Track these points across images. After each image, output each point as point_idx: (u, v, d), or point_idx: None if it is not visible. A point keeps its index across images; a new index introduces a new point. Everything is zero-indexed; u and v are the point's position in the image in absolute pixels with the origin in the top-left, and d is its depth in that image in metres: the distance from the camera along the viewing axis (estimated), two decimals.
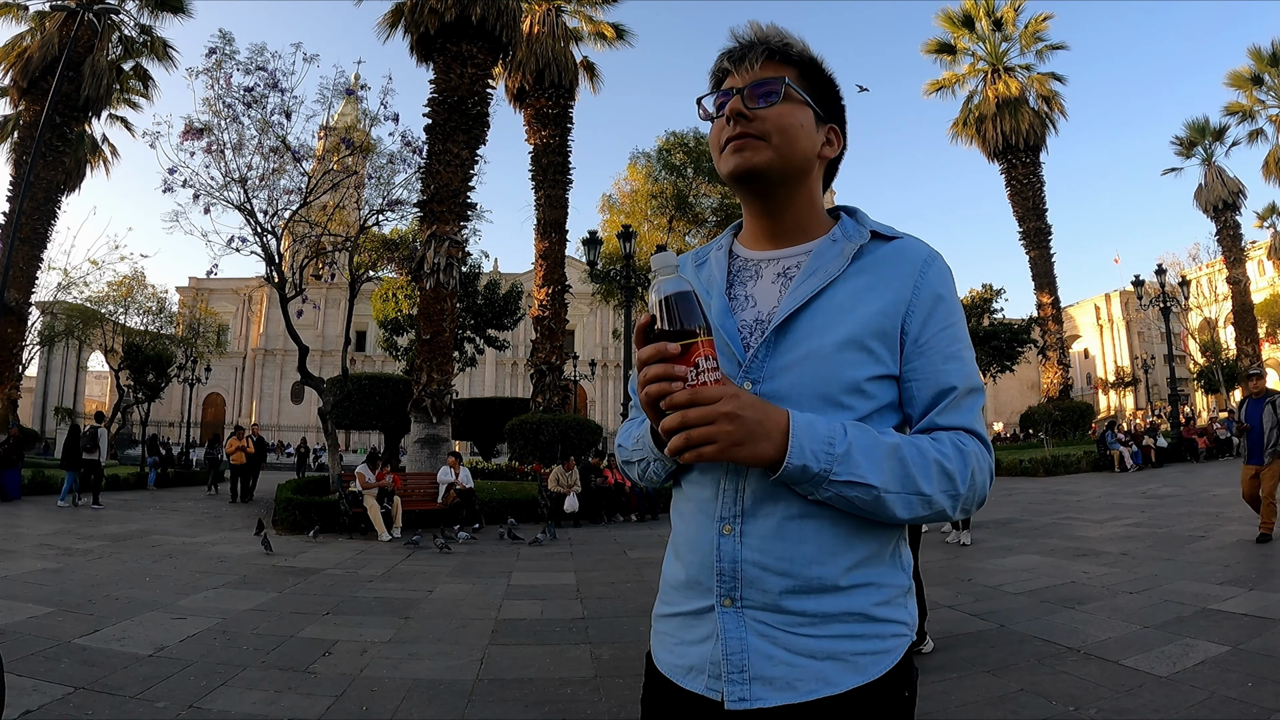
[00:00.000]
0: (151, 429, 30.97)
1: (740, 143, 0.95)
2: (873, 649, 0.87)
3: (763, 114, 0.94)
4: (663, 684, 0.96)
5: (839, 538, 0.87)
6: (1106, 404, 54.82)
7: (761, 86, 0.95)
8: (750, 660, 0.86)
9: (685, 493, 0.97)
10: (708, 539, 0.91)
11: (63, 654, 3.97)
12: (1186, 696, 3.09)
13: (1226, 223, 28.95)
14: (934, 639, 4.16)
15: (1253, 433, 6.96)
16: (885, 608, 0.89)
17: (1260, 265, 43.59)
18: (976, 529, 8.56)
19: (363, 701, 3.37)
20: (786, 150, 0.95)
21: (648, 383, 0.80)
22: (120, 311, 27.11)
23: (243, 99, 11.13)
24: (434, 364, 13.68)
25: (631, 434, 1.04)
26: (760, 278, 0.99)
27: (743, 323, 0.96)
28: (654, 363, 0.80)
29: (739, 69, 0.97)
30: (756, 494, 0.88)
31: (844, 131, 1.03)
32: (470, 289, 23.20)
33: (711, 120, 1.00)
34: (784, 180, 0.97)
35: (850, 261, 0.93)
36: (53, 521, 10.59)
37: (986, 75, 26.83)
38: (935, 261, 0.95)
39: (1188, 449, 18.58)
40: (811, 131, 0.98)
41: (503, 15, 14.13)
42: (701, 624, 0.91)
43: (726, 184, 1.03)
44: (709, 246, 1.08)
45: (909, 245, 0.97)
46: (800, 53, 0.98)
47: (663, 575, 1.02)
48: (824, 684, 0.84)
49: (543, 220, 19.51)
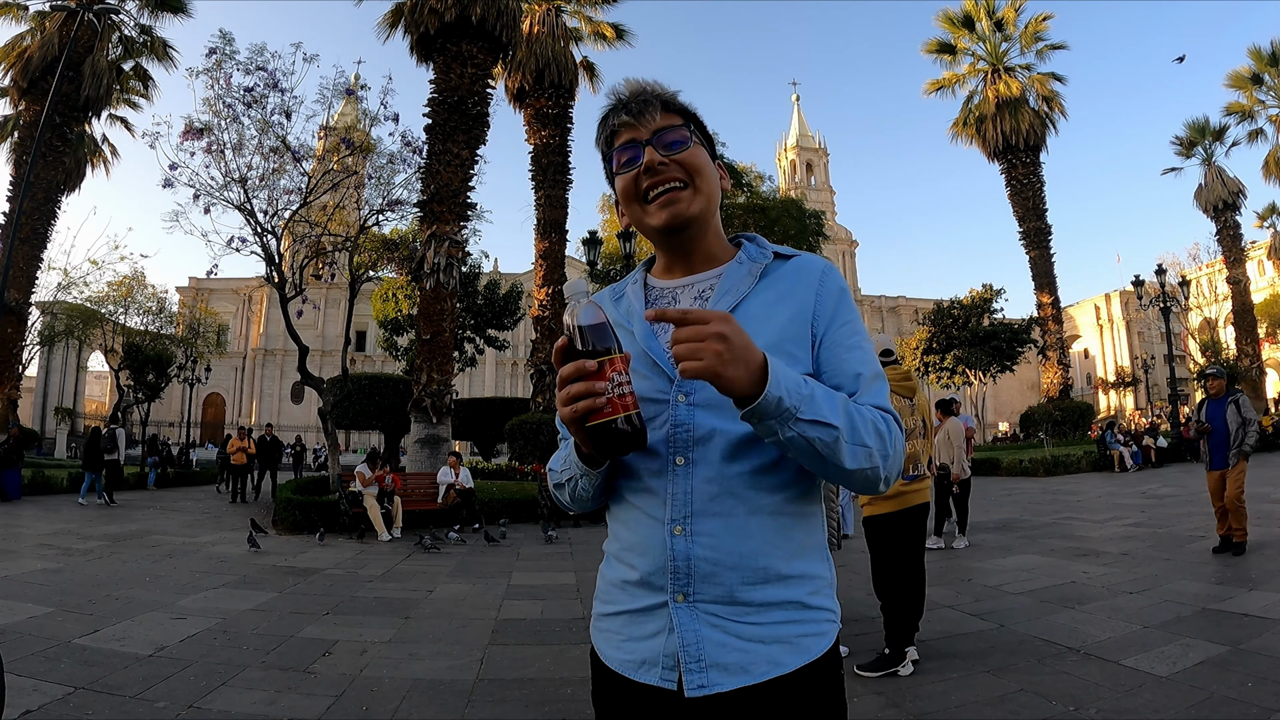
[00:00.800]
0: (151, 429, 30.97)
1: (668, 195, 1.03)
2: (811, 632, 0.96)
3: (679, 159, 1.03)
4: (613, 679, 1.01)
5: (779, 530, 0.96)
6: (1106, 404, 54.82)
7: (668, 134, 1.03)
8: (705, 650, 0.92)
9: (629, 501, 1.02)
10: (658, 540, 0.96)
11: (63, 654, 3.97)
12: (1186, 696, 3.09)
13: (1226, 223, 28.96)
14: (933, 639, 4.15)
15: (1215, 435, 6.55)
16: (817, 596, 0.98)
17: (1260, 265, 43.62)
18: (976, 530, 8.57)
19: (363, 701, 3.37)
20: (706, 191, 1.05)
21: (571, 399, 0.87)
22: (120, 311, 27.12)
23: (243, 99, 11.14)
24: (434, 364, 13.69)
25: (560, 456, 1.08)
26: (678, 302, 1.08)
27: (667, 344, 1.00)
28: (575, 380, 0.87)
29: (640, 121, 1.03)
30: (704, 496, 0.95)
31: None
32: (470, 289, 23.17)
33: (616, 175, 1.07)
34: (704, 219, 1.06)
35: (758, 279, 1.04)
36: (53, 521, 10.60)
37: (986, 75, 26.84)
38: (830, 271, 1.06)
39: (1188, 449, 18.57)
40: (715, 171, 1.08)
41: (503, 15, 14.13)
42: (651, 620, 0.97)
43: (650, 238, 1.10)
44: (624, 282, 1.16)
45: (807, 260, 1.07)
46: (683, 101, 1.08)
47: (602, 577, 1.08)
48: (775, 665, 0.93)
49: (543, 220, 19.50)
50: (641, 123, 1.03)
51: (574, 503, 1.07)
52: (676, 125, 1.04)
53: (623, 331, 1.03)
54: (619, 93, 1.07)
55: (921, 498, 4.00)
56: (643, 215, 1.06)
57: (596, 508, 1.08)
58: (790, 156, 62.38)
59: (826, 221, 29.43)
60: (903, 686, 3.44)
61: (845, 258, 60.55)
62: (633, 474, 1.00)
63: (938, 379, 30.28)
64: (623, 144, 1.05)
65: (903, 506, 3.91)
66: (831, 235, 41.14)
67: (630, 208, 1.07)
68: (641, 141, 1.03)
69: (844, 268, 60.08)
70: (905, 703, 3.23)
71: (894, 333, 53.61)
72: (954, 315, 29.13)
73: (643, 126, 1.03)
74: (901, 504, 3.91)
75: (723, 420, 0.95)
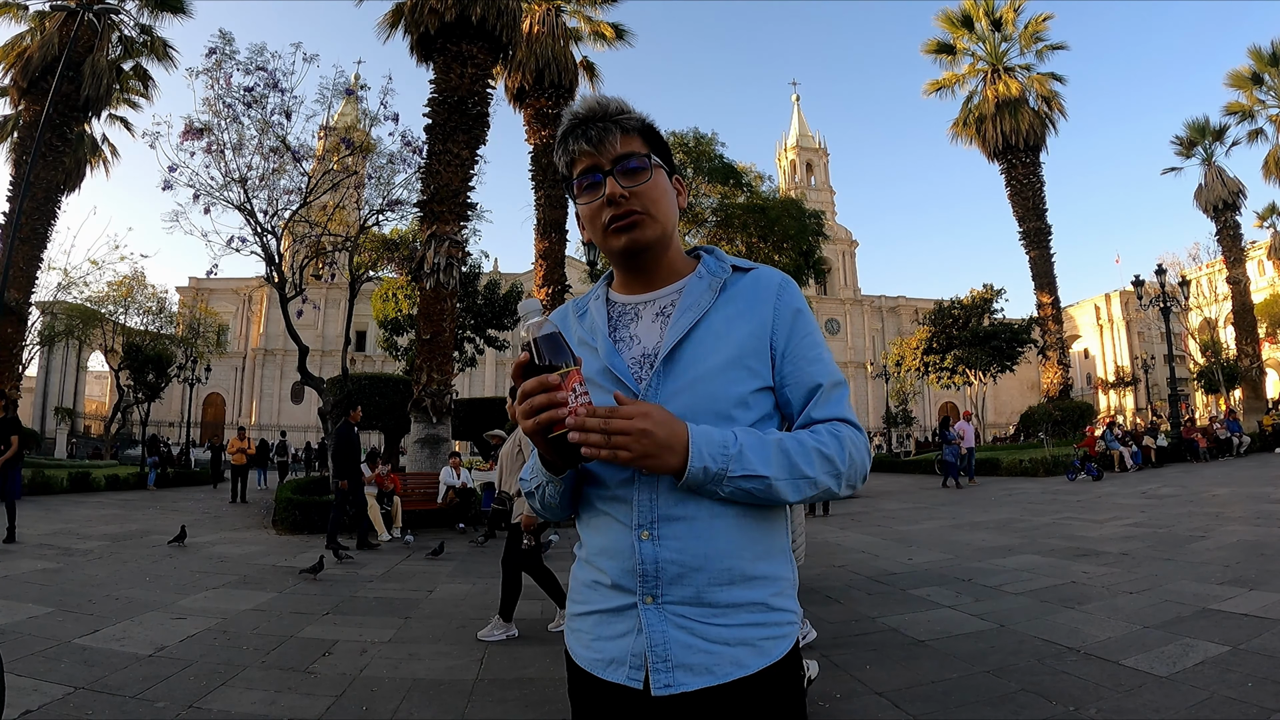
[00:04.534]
0: (151, 429, 30.94)
1: (625, 222, 1.06)
2: (773, 634, 0.99)
3: (638, 191, 1.06)
4: (583, 677, 1.04)
5: (743, 531, 0.99)
6: (1106, 404, 54.79)
7: (627, 163, 1.06)
8: (672, 650, 0.96)
9: (597, 508, 1.05)
10: (626, 545, 1.00)
11: (63, 654, 3.97)
12: (1186, 696, 3.09)
13: (1226, 223, 28.91)
14: (933, 639, 4.16)
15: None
16: (780, 598, 1.02)
17: (1260, 265, 43.57)
18: (978, 528, 8.57)
19: (363, 701, 3.37)
20: (664, 218, 1.08)
21: (536, 410, 0.91)
22: (120, 311, 27.15)
23: (243, 99, 11.16)
24: (434, 364, 13.67)
25: (528, 466, 1.12)
26: (640, 319, 1.11)
27: (631, 359, 1.07)
28: (539, 393, 0.90)
29: (600, 150, 1.06)
30: (669, 501, 0.98)
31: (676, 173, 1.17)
32: (470, 289, 23.13)
33: (578, 199, 1.10)
34: (663, 242, 1.10)
35: (718, 294, 1.07)
36: (53, 521, 10.60)
37: (986, 75, 26.82)
38: (788, 284, 1.10)
39: (1188, 449, 18.57)
40: (672, 192, 1.12)
41: (503, 15, 14.12)
42: (620, 621, 1.00)
43: (611, 259, 1.14)
44: (586, 297, 1.20)
45: (765, 274, 1.11)
46: (640, 119, 1.10)
47: (574, 578, 1.11)
48: (738, 666, 0.96)
49: (543, 220, 19.50)
50: (601, 152, 1.06)
51: (545, 510, 1.10)
52: (636, 153, 1.07)
53: (586, 349, 1.09)
54: (579, 113, 1.08)
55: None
56: (604, 239, 1.09)
57: (567, 516, 1.11)
58: (790, 156, 62.32)
59: (826, 221, 29.38)
60: (902, 686, 3.44)
61: (845, 257, 60.49)
62: (601, 482, 1.03)
63: (938, 379, 30.28)
64: (583, 170, 1.08)
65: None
66: (831, 235, 41.10)
67: (594, 231, 1.10)
68: (603, 170, 1.06)
69: (844, 267, 60.03)
70: (905, 703, 3.23)
71: (894, 333, 53.58)
72: (954, 315, 29.12)
73: (602, 155, 1.06)
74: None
75: None
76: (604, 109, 1.08)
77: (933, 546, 7.64)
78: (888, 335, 55.03)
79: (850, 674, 3.60)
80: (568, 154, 1.09)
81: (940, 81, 27.48)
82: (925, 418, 52.98)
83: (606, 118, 1.07)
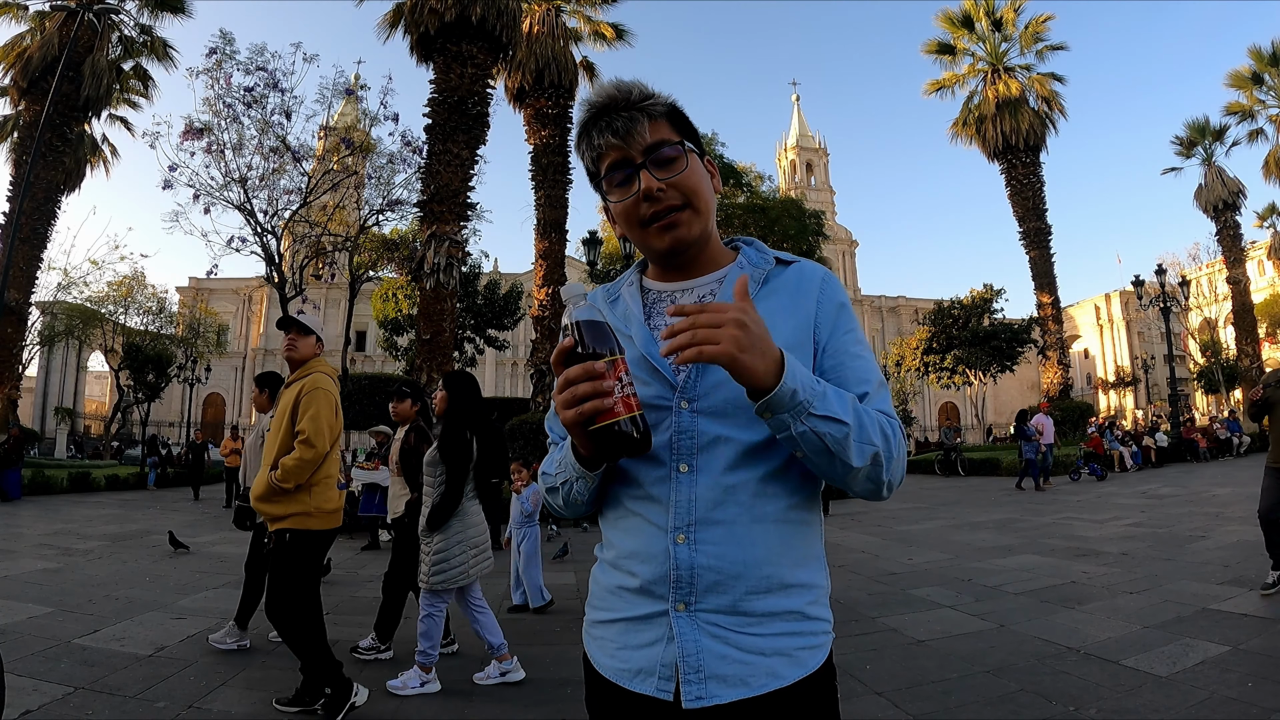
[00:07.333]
0: (151, 429, 30.96)
1: (669, 220, 1.00)
2: (810, 644, 0.95)
3: (675, 182, 0.99)
4: (607, 687, 0.99)
5: (783, 538, 0.95)
6: (1106, 404, 54.78)
7: (659, 153, 0.99)
8: (705, 660, 0.91)
9: (627, 508, 1.00)
10: (660, 549, 0.94)
11: (63, 654, 3.97)
12: (1186, 696, 3.09)
13: (1226, 223, 28.92)
14: (933, 639, 4.16)
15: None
16: (815, 606, 0.97)
17: (1260, 265, 43.53)
18: (978, 528, 8.57)
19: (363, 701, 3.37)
20: (705, 209, 1.03)
21: (579, 400, 0.85)
22: (120, 311, 27.15)
23: (243, 99, 11.18)
24: (434, 364, 13.68)
25: (554, 459, 1.06)
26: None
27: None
28: (583, 381, 0.85)
29: (628, 141, 0.99)
30: (707, 504, 0.93)
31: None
32: (470, 289, 23.15)
33: (609, 196, 1.03)
34: (705, 235, 1.04)
35: (761, 286, 1.03)
36: (53, 521, 10.59)
37: (986, 75, 26.80)
38: (830, 279, 1.06)
39: (1188, 449, 18.58)
40: (709, 177, 1.05)
41: (503, 15, 14.13)
42: (649, 629, 0.95)
43: (651, 258, 1.09)
44: (618, 284, 1.13)
45: (808, 267, 1.06)
46: (666, 102, 1.03)
47: (595, 583, 1.05)
48: (774, 678, 0.91)
49: (543, 220, 19.49)
50: (630, 143, 0.99)
51: (567, 507, 1.04)
52: (668, 140, 1.00)
53: (620, 336, 1.01)
54: (598, 102, 1.01)
55: (327, 522, 3.27)
56: (644, 238, 1.03)
57: (589, 513, 1.05)
58: (790, 156, 62.32)
59: (826, 221, 29.41)
60: (902, 686, 3.44)
61: (845, 257, 60.48)
62: (633, 481, 0.98)
63: (937, 379, 30.27)
64: (612, 165, 1.01)
65: (300, 527, 3.16)
66: (831, 235, 41.11)
67: (631, 230, 1.04)
68: (635, 163, 0.99)
69: (844, 267, 60.01)
70: (905, 703, 3.23)
71: (894, 333, 53.57)
72: (954, 315, 29.11)
73: (632, 147, 0.99)
74: (300, 524, 3.16)
75: (727, 427, 0.94)
76: (626, 95, 1.00)
77: (933, 546, 7.64)
78: (888, 335, 55.01)
79: (850, 674, 3.60)
80: (593, 149, 1.02)
81: (940, 81, 27.47)
82: (925, 418, 53.03)
83: (630, 105, 0.99)
